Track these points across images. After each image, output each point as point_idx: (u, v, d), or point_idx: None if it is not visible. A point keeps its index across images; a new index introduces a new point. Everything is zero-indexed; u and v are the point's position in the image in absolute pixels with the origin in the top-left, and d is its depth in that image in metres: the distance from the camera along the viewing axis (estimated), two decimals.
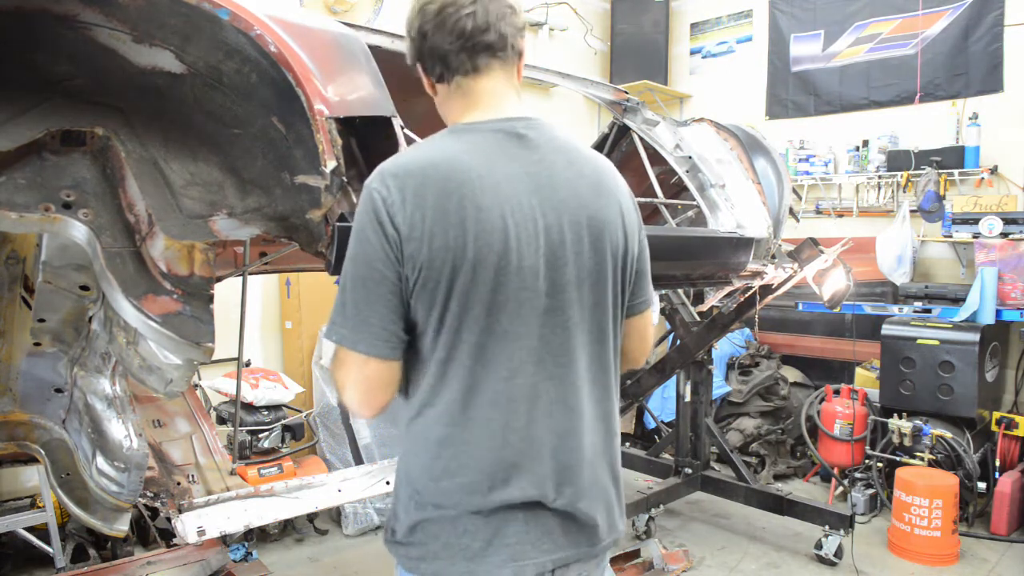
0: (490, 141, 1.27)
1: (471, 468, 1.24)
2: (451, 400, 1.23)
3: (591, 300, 1.30)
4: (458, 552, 1.25)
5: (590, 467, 1.31)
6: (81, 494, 2.19)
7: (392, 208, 1.18)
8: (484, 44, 1.27)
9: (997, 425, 4.30)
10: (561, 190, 1.27)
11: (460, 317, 1.21)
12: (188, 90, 1.61)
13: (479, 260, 1.19)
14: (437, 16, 1.25)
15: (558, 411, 1.27)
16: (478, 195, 1.19)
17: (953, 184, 4.88)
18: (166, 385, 1.79)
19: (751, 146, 3.05)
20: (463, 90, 1.31)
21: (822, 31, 5.70)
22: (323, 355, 4.28)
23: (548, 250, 1.24)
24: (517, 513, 1.25)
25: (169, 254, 1.64)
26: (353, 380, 1.23)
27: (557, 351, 1.27)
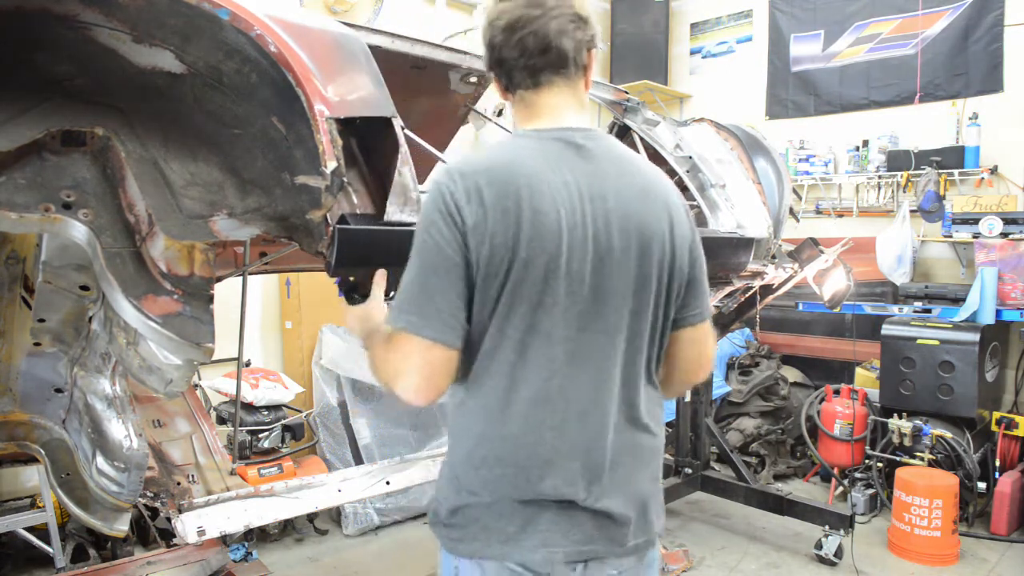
0: (549, 148, 1.32)
1: (507, 461, 1.29)
2: (492, 394, 1.29)
3: (633, 307, 1.34)
4: (494, 535, 1.30)
5: (623, 468, 1.35)
6: (81, 494, 2.19)
7: (459, 202, 1.24)
8: (544, 62, 1.33)
9: (997, 425, 4.30)
10: (612, 199, 1.31)
11: (507, 314, 1.26)
12: (188, 90, 1.61)
13: (530, 260, 1.24)
14: (504, 32, 1.32)
15: (592, 413, 1.31)
16: (535, 198, 1.25)
17: (953, 184, 4.88)
18: (166, 385, 1.79)
19: (751, 146, 3.05)
20: (525, 102, 1.38)
21: (822, 31, 5.70)
22: (322, 355, 4.28)
23: (596, 256, 1.29)
24: (550, 505, 1.30)
25: (169, 254, 1.64)
26: (414, 366, 1.25)
27: (596, 355, 1.31)
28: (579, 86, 1.39)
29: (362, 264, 1.62)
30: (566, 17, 1.31)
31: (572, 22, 1.32)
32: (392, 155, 1.59)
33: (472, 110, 2.74)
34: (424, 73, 2.39)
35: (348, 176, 1.54)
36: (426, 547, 3.91)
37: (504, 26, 1.32)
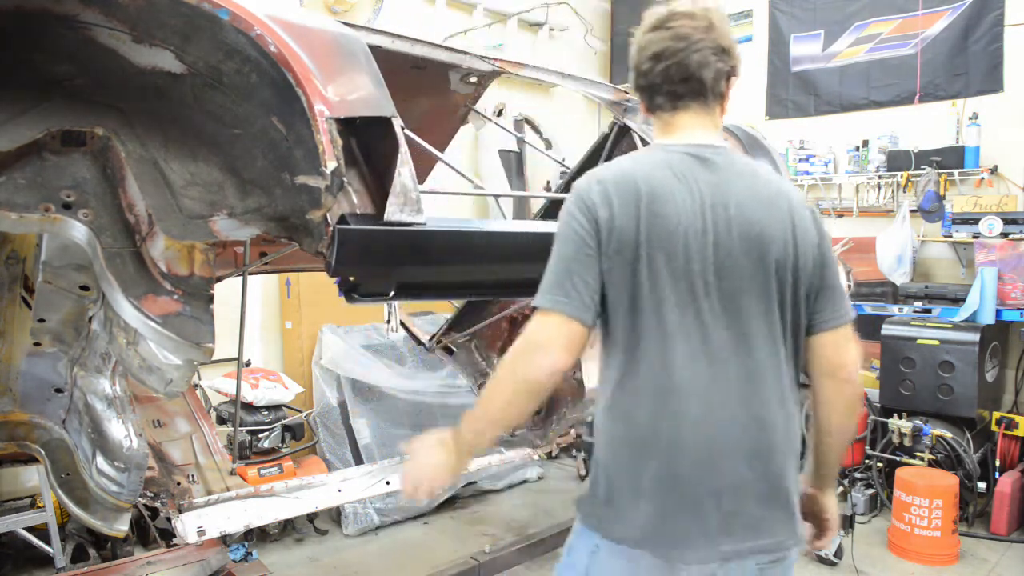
0: (677, 160, 1.46)
1: (622, 441, 1.45)
2: (612, 380, 1.47)
3: (758, 308, 1.44)
4: (635, 517, 1.42)
5: (746, 465, 1.43)
6: (81, 494, 2.19)
7: (594, 203, 1.42)
8: (685, 90, 1.48)
9: (997, 425, 4.30)
10: (733, 207, 1.43)
11: (630, 306, 1.42)
12: (188, 90, 1.61)
13: (650, 259, 1.40)
14: (650, 60, 1.47)
15: (718, 410, 1.41)
16: (657, 204, 1.40)
17: (953, 184, 4.88)
18: (166, 385, 1.79)
19: (751, 146, 3.04)
20: (663, 121, 1.53)
21: (822, 31, 5.69)
22: (322, 355, 4.28)
23: (716, 259, 1.41)
24: (687, 492, 1.41)
25: (169, 254, 1.64)
26: (556, 337, 1.40)
27: (719, 353, 1.42)
28: (715, 111, 1.53)
29: (362, 264, 1.62)
30: (709, 50, 1.45)
31: (715, 54, 1.46)
32: (392, 155, 1.58)
33: (472, 110, 2.74)
34: (424, 73, 2.39)
35: (348, 176, 1.54)
36: (426, 547, 3.91)
37: (651, 55, 1.47)
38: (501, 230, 2.13)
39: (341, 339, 4.33)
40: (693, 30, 1.45)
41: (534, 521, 4.28)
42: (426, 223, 1.63)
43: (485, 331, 3.68)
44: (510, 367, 1.46)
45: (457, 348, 3.68)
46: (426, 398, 4.52)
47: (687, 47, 1.44)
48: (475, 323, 3.56)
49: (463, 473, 1.68)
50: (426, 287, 1.93)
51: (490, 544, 3.26)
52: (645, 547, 1.41)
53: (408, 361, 4.59)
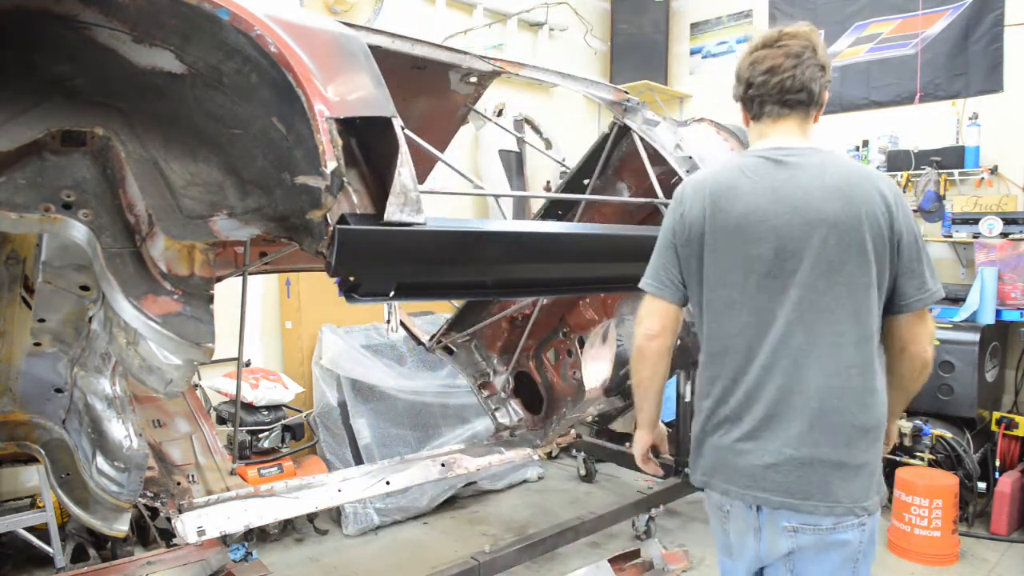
0: (750, 163, 1.69)
1: (714, 408, 1.73)
2: (703, 353, 1.77)
3: (822, 284, 1.60)
4: (721, 470, 1.70)
5: (810, 438, 1.60)
6: (81, 494, 2.19)
7: (675, 204, 1.76)
8: (795, 100, 1.68)
9: (997, 425, 4.30)
10: (799, 200, 1.61)
11: (699, 286, 1.73)
12: (188, 90, 1.61)
13: (714, 245, 1.68)
14: (764, 75, 1.66)
15: (791, 378, 1.61)
16: (721, 200, 1.66)
17: (953, 184, 4.88)
18: (166, 385, 1.79)
19: None
20: (760, 130, 1.74)
21: (822, 31, 5.69)
22: (322, 355, 4.28)
23: (777, 243, 1.61)
24: (758, 452, 1.64)
25: (169, 254, 1.64)
26: (646, 312, 1.79)
27: (772, 322, 1.63)
28: (810, 118, 1.73)
29: (362, 264, 1.62)
30: (815, 67, 1.66)
31: (819, 70, 1.67)
32: (392, 155, 1.59)
33: (472, 110, 2.74)
34: (424, 73, 2.39)
35: (348, 176, 1.54)
36: (426, 547, 3.91)
37: (766, 70, 1.66)
38: (501, 230, 2.14)
39: (341, 339, 4.33)
40: (803, 48, 1.65)
41: (534, 521, 4.28)
42: (426, 223, 1.63)
43: (485, 331, 3.69)
44: (633, 342, 1.83)
45: (457, 348, 3.69)
46: (426, 398, 4.52)
47: (798, 64, 1.64)
48: (475, 323, 3.56)
49: (657, 440, 2.00)
50: (426, 287, 1.93)
51: (490, 544, 3.26)
52: (710, 487, 1.74)
53: (408, 361, 4.59)
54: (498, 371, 3.80)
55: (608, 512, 3.69)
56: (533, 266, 2.10)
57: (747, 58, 1.71)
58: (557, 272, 2.22)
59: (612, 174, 3.26)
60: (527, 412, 3.80)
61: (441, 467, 3.05)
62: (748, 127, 1.79)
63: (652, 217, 3.45)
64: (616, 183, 3.31)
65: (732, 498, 1.68)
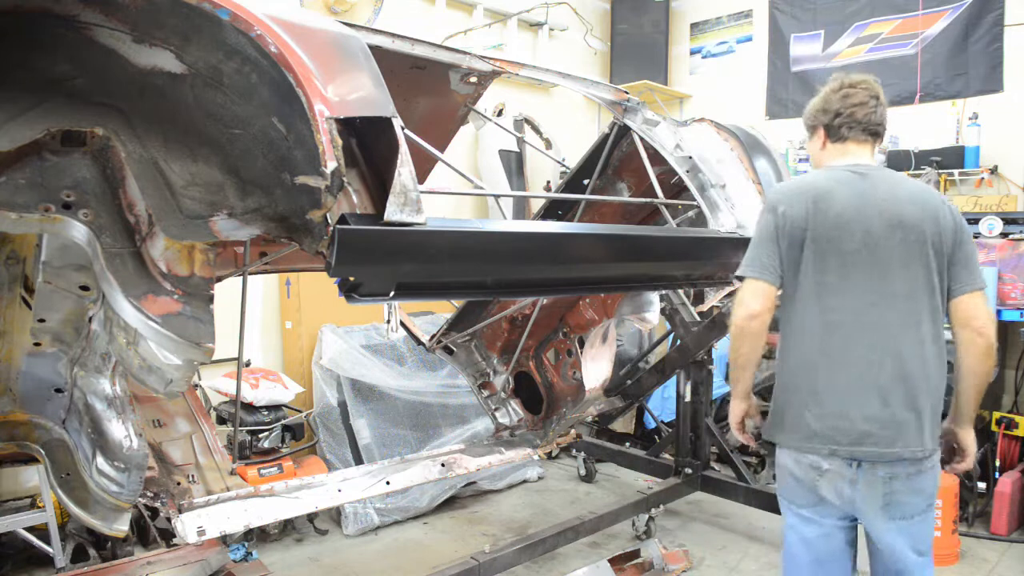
0: (839, 176, 2.11)
1: (787, 389, 2.13)
2: (794, 331, 2.11)
3: (902, 274, 2.02)
4: (823, 435, 2.05)
5: (897, 396, 2.02)
6: (81, 494, 2.19)
7: (775, 204, 2.11)
8: (874, 131, 2.17)
9: (997, 425, 4.29)
10: (882, 204, 2.04)
11: (795, 274, 2.07)
12: (188, 90, 1.61)
13: (814, 240, 2.04)
14: (855, 106, 2.14)
15: (874, 352, 2.02)
16: (821, 202, 2.05)
17: (953, 184, 4.88)
18: (166, 385, 1.79)
19: (751, 146, 3.04)
20: (844, 150, 2.18)
21: (822, 31, 5.70)
22: (323, 355, 4.28)
23: (867, 239, 2.02)
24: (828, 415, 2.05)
25: (169, 254, 1.64)
26: (747, 293, 2.09)
27: (860, 306, 2.02)
28: (877, 146, 2.21)
29: (362, 264, 1.62)
30: (884, 108, 2.18)
31: (885, 109, 2.18)
32: (392, 155, 1.58)
33: (472, 110, 2.74)
34: (424, 73, 2.39)
35: (348, 176, 1.54)
36: (426, 547, 3.91)
37: (856, 103, 2.14)
38: (501, 230, 2.14)
39: (341, 339, 4.33)
40: (878, 94, 2.17)
41: (534, 521, 4.28)
42: (426, 223, 1.63)
43: (485, 331, 3.69)
44: (732, 322, 2.12)
45: (457, 348, 3.69)
46: (426, 398, 4.52)
47: (876, 104, 2.15)
48: (475, 323, 3.56)
49: (751, 410, 2.28)
50: (426, 287, 1.93)
51: (490, 544, 3.26)
52: (810, 451, 2.06)
53: (408, 361, 4.59)
54: (498, 371, 3.80)
55: (608, 512, 3.69)
56: (533, 266, 2.10)
57: (837, 93, 2.17)
58: (557, 272, 2.22)
59: (612, 174, 3.26)
60: (527, 412, 3.80)
61: (441, 467, 3.05)
62: (822, 147, 2.22)
63: (652, 217, 3.45)
64: (616, 183, 3.31)
65: (838, 456, 2.03)
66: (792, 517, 2.17)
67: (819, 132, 2.22)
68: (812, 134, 2.26)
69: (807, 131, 2.31)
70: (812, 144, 2.28)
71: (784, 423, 2.12)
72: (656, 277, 2.56)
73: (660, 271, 2.53)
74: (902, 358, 2.02)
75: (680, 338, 3.96)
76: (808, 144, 2.32)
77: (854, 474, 2.03)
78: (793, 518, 2.17)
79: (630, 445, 5.19)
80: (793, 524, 2.17)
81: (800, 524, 2.15)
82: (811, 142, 2.28)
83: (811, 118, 2.24)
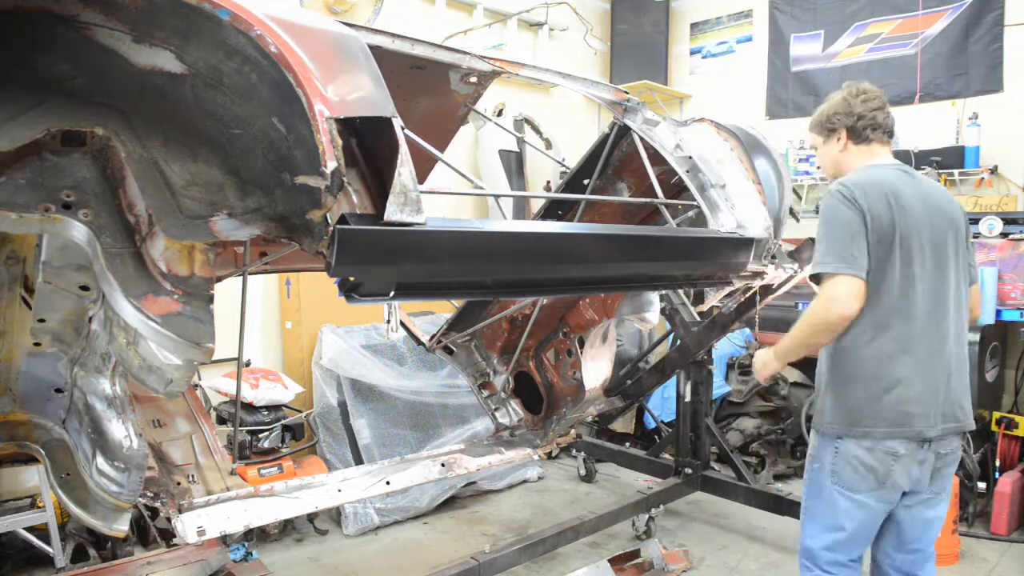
0: (893, 172, 2.26)
1: (866, 371, 2.20)
2: (872, 325, 2.16)
3: (951, 266, 2.23)
4: (905, 420, 2.17)
5: (953, 376, 2.22)
6: (81, 494, 2.19)
7: (855, 197, 2.14)
8: (892, 132, 2.37)
9: (997, 425, 4.30)
10: (933, 202, 2.23)
11: (886, 268, 2.14)
12: (188, 90, 1.61)
13: (901, 237, 2.14)
14: (876, 110, 2.32)
15: (941, 343, 2.19)
16: (898, 197, 2.16)
17: (953, 184, 4.88)
18: (166, 385, 1.79)
19: (751, 146, 3.04)
20: (871, 151, 2.35)
21: (822, 31, 5.70)
22: (323, 355, 4.28)
23: (932, 235, 2.19)
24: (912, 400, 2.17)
25: (169, 254, 1.64)
26: (845, 290, 2.09)
27: (939, 297, 2.19)
28: (891, 144, 2.41)
29: (362, 264, 1.62)
30: (890, 109, 2.37)
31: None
32: (392, 155, 1.58)
33: (472, 110, 2.74)
34: (424, 73, 2.39)
35: (348, 176, 1.54)
36: (426, 547, 3.91)
37: (876, 107, 2.31)
38: (501, 230, 2.13)
39: (341, 339, 4.33)
40: (887, 101, 2.37)
41: (534, 521, 4.28)
42: (426, 223, 1.63)
43: (485, 331, 3.69)
44: (814, 314, 2.16)
45: (457, 348, 3.69)
46: (426, 398, 4.52)
47: (888, 109, 2.35)
48: (475, 323, 3.56)
49: (774, 370, 2.50)
50: (426, 287, 1.93)
51: (490, 544, 3.26)
52: (888, 436, 2.17)
53: (408, 361, 4.59)
54: (498, 371, 3.80)
55: (608, 512, 3.70)
56: (533, 266, 2.10)
57: (856, 98, 2.32)
58: (557, 272, 2.21)
59: (612, 174, 3.26)
60: (527, 412, 3.80)
61: (441, 467, 3.05)
62: (843, 149, 2.35)
63: (652, 217, 3.45)
64: (616, 183, 3.31)
65: (914, 440, 2.15)
66: (844, 502, 2.24)
67: (840, 134, 2.33)
68: (829, 136, 2.36)
69: (821, 133, 2.39)
70: (829, 146, 2.38)
71: (857, 415, 2.18)
72: (656, 277, 2.55)
73: (660, 271, 2.53)
74: (956, 343, 2.22)
75: (680, 338, 3.96)
76: (823, 146, 2.41)
77: (924, 455, 2.17)
78: (846, 503, 2.24)
79: (630, 445, 5.19)
80: (845, 508, 2.24)
81: (852, 508, 2.23)
82: (827, 144, 2.38)
83: (831, 121, 2.34)
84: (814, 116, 2.45)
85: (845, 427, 2.21)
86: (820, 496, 2.30)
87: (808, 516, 2.35)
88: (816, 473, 2.32)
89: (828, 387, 2.28)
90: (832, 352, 2.26)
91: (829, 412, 2.26)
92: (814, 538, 2.32)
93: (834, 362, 2.26)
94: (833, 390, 2.26)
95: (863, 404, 2.18)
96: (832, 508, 2.27)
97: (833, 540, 2.28)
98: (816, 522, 2.32)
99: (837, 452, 2.23)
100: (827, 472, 2.27)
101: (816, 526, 2.32)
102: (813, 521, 2.32)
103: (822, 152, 2.43)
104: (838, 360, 2.24)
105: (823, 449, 2.29)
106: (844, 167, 2.36)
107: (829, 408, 2.26)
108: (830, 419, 2.25)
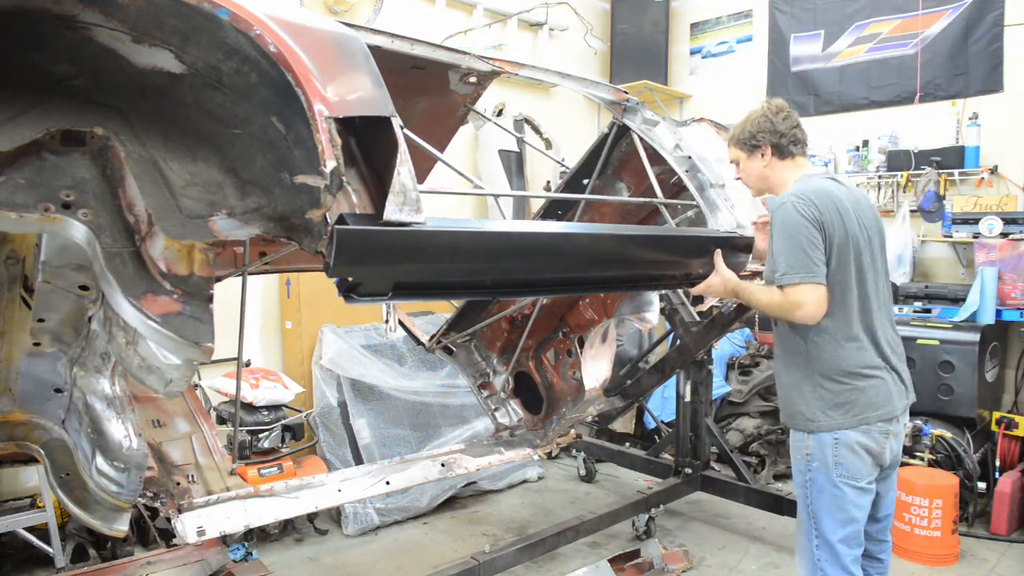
0: (831, 183, 2.42)
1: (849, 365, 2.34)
2: (842, 325, 2.32)
3: (882, 273, 2.43)
4: (885, 404, 2.34)
5: (902, 358, 2.43)
6: (81, 494, 2.19)
7: (813, 207, 2.27)
8: (806, 144, 2.53)
9: (997, 425, 4.30)
10: (862, 206, 2.41)
11: (838, 276, 2.29)
12: (188, 90, 1.61)
13: (852, 238, 2.31)
14: (795, 128, 2.49)
15: (887, 329, 2.40)
16: (841, 204, 2.32)
17: (953, 184, 4.88)
18: (166, 385, 1.79)
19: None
20: (796, 163, 2.49)
21: (822, 31, 5.70)
22: (322, 355, 4.28)
23: (866, 242, 2.36)
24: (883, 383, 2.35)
25: (169, 254, 1.64)
26: (811, 299, 2.23)
27: (879, 289, 2.39)
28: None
29: (361, 264, 1.62)
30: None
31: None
32: (391, 155, 1.58)
33: (472, 110, 2.74)
34: (424, 73, 2.39)
35: (347, 176, 1.54)
36: (426, 547, 3.92)
37: (795, 124, 2.49)
38: (501, 230, 2.13)
39: (341, 339, 4.33)
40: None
41: (534, 521, 4.28)
42: (426, 223, 1.63)
43: (485, 331, 3.69)
44: (781, 309, 2.29)
45: (457, 348, 3.69)
46: (426, 398, 4.52)
47: (801, 125, 2.53)
48: (475, 323, 3.56)
49: (725, 297, 2.71)
50: (426, 287, 1.93)
51: (490, 544, 3.26)
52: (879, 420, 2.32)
53: (408, 361, 4.60)
54: (498, 371, 3.80)
55: (608, 512, 3.70)
56: (533, 266, 2.10)
57: (776, 115, 2.47)
58: (557, 272, 2.21)
59: (611, 174, 3.26)
60: (527, 412, 3.80)
61: (441, 467, 3.05)
62: (767, 164, 2.48)
63: (652, 217, 3.45)
64: (616, 183, 3.31)
65: (897, 419, 2.35)
66: (851, 491, 2.32)
67: (764, 150, 2.47)
68: (752, 152, 2.49)
69: (744, 149, 2.50)
70: (753, 161, 2.50)
71: (853, 406, 2.30)
72: (656, 277, 2.56)
73: (660, 271, 2.53)
74: (894, 328, 2.44)
75: (680, 338, 3.96)
76: (747, 161, 2.51)
77: (896, 428, 2.37)
78: (852, 492, 2.32)
79: (630, 445, 5.19)
80: (852, 497, 2.33)
81: (858, 496, 2.33)
82: (751, 159, 2.50)
83: (755, 138, 2.47)
84: (734, 132, 2.55)
85: (841, 420, 2.30)
86: (826, 492, 2.35)
87: (822, 515, 2.37)
88: (816, 472, 2.35)
89: (807, 387, 2.36)
90: (806, 354, 2.36)
91: (819, 411, 2.33)
92: (835, 532, 2.36)
93: (811, 363, 2.35)
94: (814, 389, 2.35)
95: (856, 395, 2.30)
96: (841, 501, 2.33)
97: (846, 534, 2.35)
98: (832, 519, 2.36)
99: (837, 443, 2.30)
100: (830, 466, 2.32)
101: (833, 523, 2.36)
102: (830, 518, 2.36)
103: (746, 167, 2.53)
104: (816, 360, 2.34)
105: (820, 446, 2.33)
106: (772, 181, 2.50)
107: (818, 407, 2.34)
108: (823, 417, 2.33)
